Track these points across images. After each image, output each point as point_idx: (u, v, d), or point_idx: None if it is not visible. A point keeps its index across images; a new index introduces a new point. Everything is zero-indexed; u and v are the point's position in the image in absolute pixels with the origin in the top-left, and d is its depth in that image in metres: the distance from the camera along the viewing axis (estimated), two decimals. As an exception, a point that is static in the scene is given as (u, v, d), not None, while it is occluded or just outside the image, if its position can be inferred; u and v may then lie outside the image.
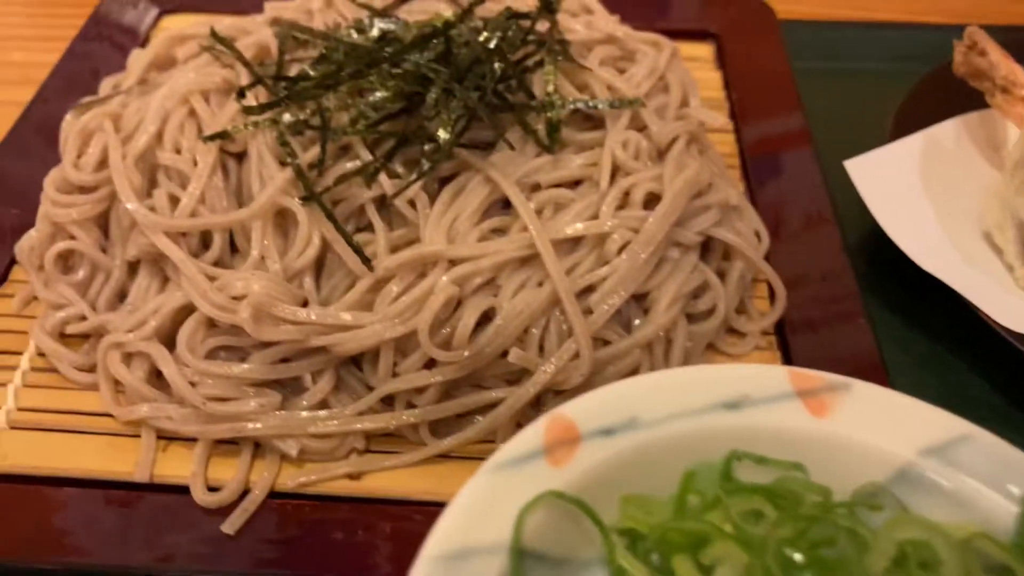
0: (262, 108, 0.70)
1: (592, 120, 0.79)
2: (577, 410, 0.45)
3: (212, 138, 0.72)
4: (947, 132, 0.95)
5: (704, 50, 1.11)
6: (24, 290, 0.79)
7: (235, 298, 0.67)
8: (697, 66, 1.09)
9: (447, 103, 0.69)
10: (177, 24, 1.11)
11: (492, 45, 0.70)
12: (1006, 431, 0.70)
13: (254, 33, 0.85)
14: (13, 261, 0.81)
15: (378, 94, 0.71)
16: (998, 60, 0.91)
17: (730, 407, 0.46)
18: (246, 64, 0.77)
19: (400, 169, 0.73)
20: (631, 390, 0.46)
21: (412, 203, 0.72)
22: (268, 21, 0.87)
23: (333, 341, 0.67)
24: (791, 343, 0.78)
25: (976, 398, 0.80)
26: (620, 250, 0.70)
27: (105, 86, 0.93)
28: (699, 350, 0.75)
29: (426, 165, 0.71)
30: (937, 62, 1.03)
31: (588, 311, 0.69)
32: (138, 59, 0.91)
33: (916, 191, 0.88)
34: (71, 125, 0.86)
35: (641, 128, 0.78)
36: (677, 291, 0.71)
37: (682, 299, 0.72)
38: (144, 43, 1.08)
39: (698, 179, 0.74)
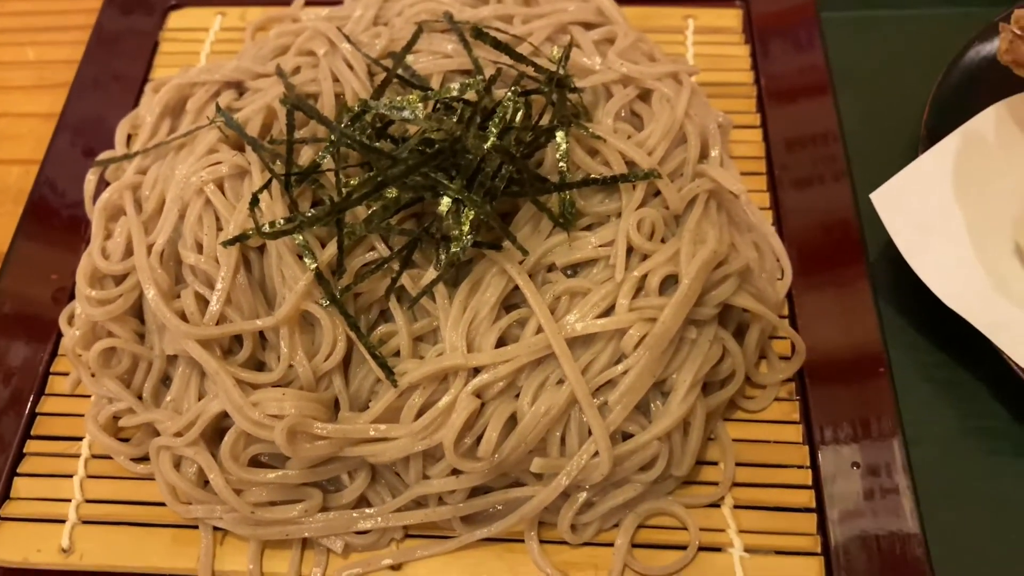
0: (276, 235, 0.71)
1: (607, 183, 0.77)
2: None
3: (231, 242, 0.73)
4: (987, 122, 0.90)
5: (731, 18, 1.05)
6: (75, 371, 0.83)
7: (271, 415, 0.70)
8: (722, 39, 1.04)
9: (457, 215, 0.69)
10: (184, 21, 1.09)
11: (498, 149, 0.68)
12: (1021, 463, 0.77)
13: (260, 94, 0.84)
14: (60, 333, 0.85)
15: (389, 194, 0.71)
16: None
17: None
18: (256, 148, 0.77)
19: (417, 257, 0.74)
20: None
21: (431, 293, 0.74)
22: (274, 66, 0.85)
23: (364, 453, 0.71)
24: (811, 394, 0.79)
25: (993, 429, 0.81)
26: (637, 344, 0.71)
27: (122, 128, 0.93)
28: (718, 414, 0.78)
29: (442, 260, 0.72)
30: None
31: (606, 404, 0.71)
32: (150, 107, 0.90)
33: (948, 209, 0.85)
34: (92, 184, 0.89)
35: (658, 192, 0.77)
36: (695, 376, 0.73)
37: (700, 382, 0.73)
38: (155, 46, 1.06)
39: (715, 256, 0.73)
